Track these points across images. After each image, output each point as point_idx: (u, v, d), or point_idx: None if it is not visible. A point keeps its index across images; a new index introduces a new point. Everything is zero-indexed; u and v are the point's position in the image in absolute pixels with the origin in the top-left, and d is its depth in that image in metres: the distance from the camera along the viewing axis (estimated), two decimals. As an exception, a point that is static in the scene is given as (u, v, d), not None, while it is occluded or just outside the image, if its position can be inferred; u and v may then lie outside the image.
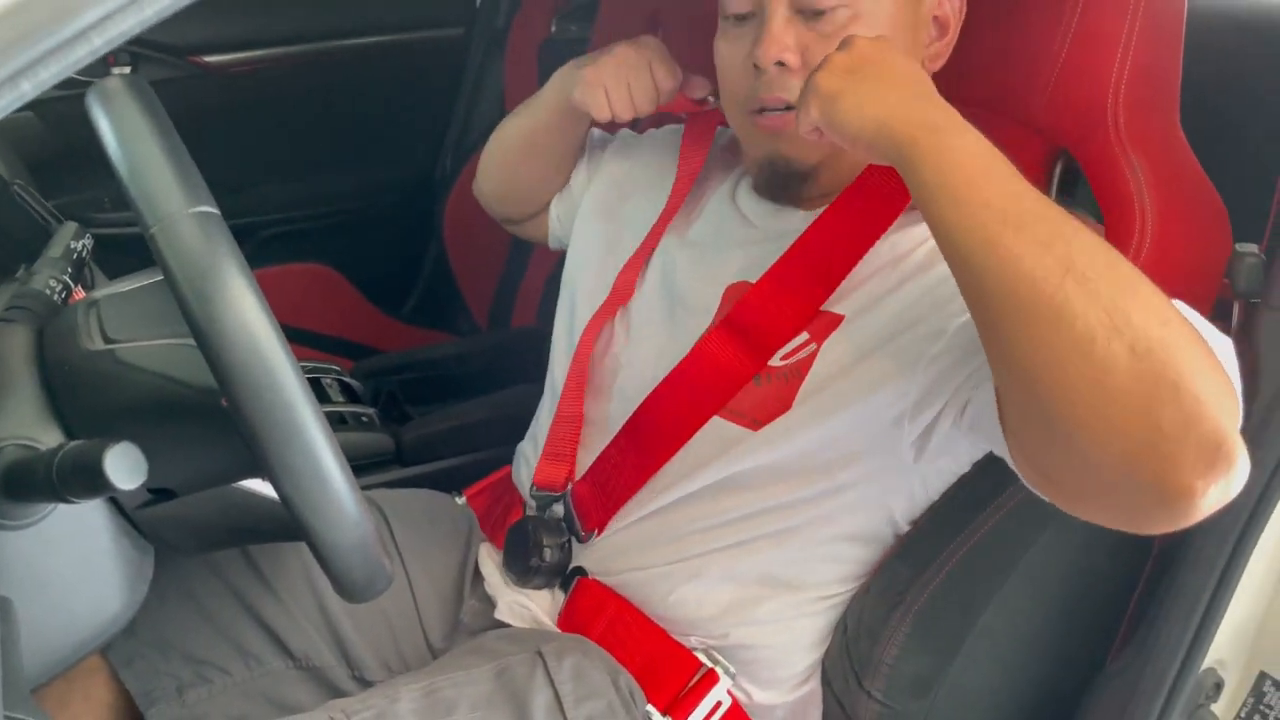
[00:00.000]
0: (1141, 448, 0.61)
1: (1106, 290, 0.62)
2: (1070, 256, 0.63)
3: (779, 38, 0.86)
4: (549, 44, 1.93)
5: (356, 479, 0.63)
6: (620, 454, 0.97)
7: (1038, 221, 0.65)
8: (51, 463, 0.58)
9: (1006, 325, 0.65)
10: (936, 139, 0.69)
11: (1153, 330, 0.61)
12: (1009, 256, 0.64)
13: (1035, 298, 0.63)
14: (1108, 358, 0.61)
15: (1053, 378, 0.63)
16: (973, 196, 0.66)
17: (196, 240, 0.58)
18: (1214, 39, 1.05)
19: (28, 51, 0.38)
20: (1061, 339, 0.62)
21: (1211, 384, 0.61)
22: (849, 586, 0.95)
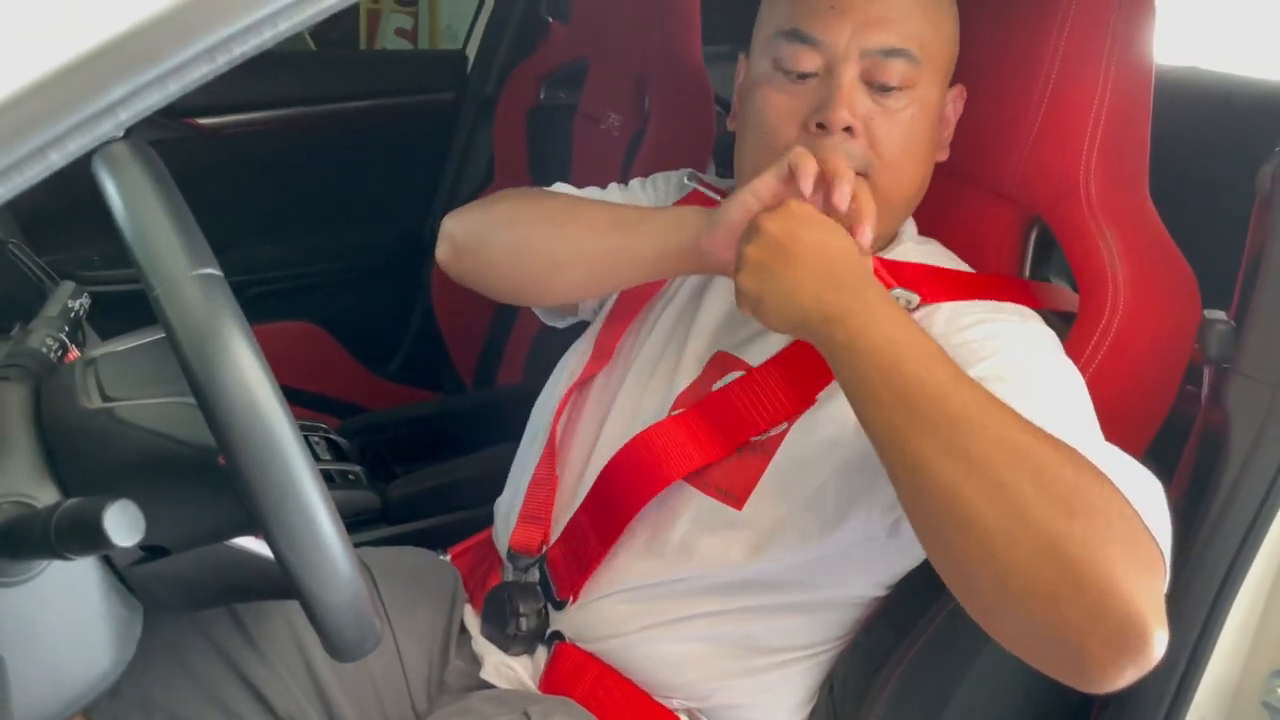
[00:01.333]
0: (1047, 641, 0.62)
1: (1006, 491, 0.62)
2: (970, 458, 0.64)
3: (848, 105, 0.87)
4: (537, 109, 1.97)
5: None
6: (587, 519, 0.98)
7: (941, 421, 0.66)
8: (49, 519, 0.59)
9: (917, 519, 0.68)
10: (847, 337, 0.71)
11: (1056, 526, 0.61)
12: (916, 459, 0.66)
13: (938, 502, 0.65)
14: (1008, 561, 0.62)
15: (962, 573, 0.65)
16: (882, 395, 0.68)
17: (199, 302, 0.59)
18: (1181, 110, 1.09)
19: (58, 124, 0.40)
20: (966, 541, 0.64)
21: (1122, 567, 0.60)
22: (833, 644, 0.96)
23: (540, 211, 1.02)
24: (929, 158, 0.94)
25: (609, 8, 1.72)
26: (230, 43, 0.43)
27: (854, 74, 0.87)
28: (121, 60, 0.41)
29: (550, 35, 1.96)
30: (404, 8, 3.51)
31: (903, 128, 0.89)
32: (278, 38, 0.43)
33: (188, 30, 0.42)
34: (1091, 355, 0.88)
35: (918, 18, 0.88)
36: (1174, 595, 0.88)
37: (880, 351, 0.70)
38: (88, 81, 0.40)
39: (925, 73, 0.89)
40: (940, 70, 0.92)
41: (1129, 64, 0.92)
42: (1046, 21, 0.92)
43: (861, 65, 0.87)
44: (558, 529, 1.01)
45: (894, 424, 0.67)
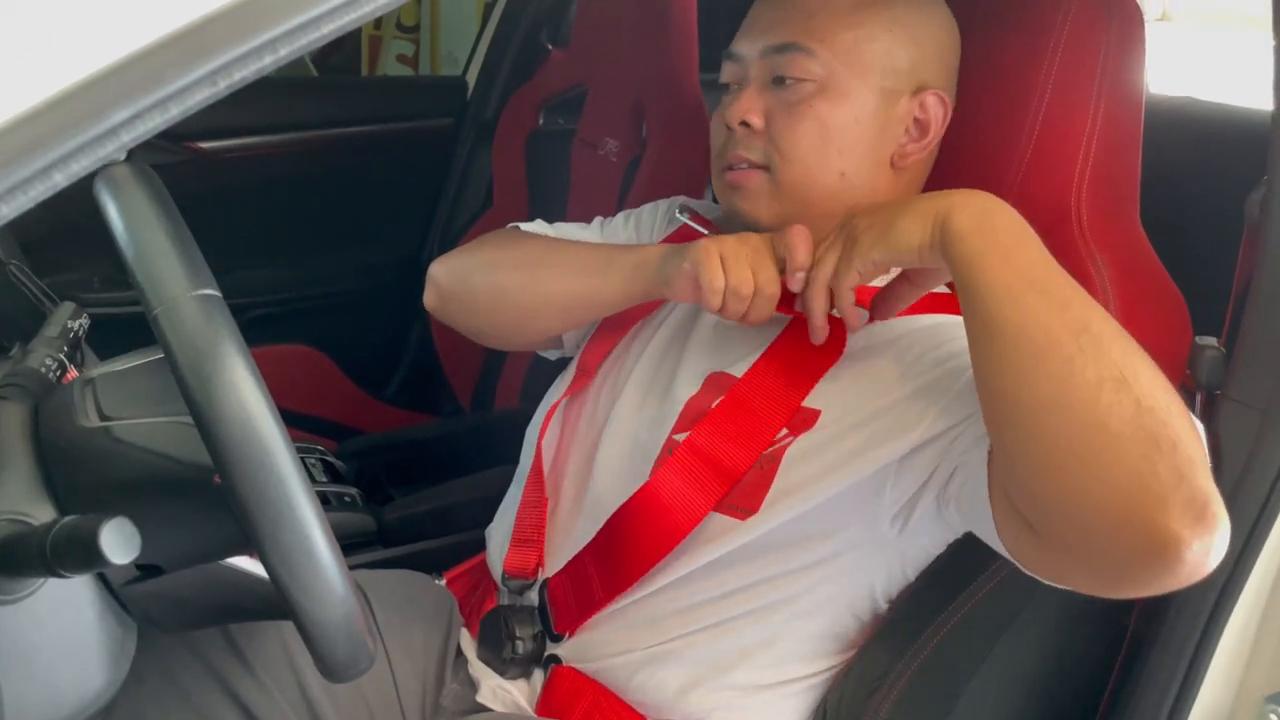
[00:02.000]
0: (1136, 492, 0.64)
1: (1118, 349, 0.68)
2: (1087, 319, 0.70)
3: (746, 100, 0.94)
4: (536, 135, 1.98)
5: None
6: (594, 566, 0.97)
7: (1059, 288, 0.72)
8: (45, 537, 0.59)
9: (1017, 369, 0.70)
10: (977, 212, 0.76)
11: (1158, 392, 0.66)
12: (1033, 313, 0.70)
13: (1053, 344, 0.69)
14: (1114, 404, 0.66)
15: (1061, 413, 0.67)
16: (1007, 262, 0.73)
17: (198, 322, 0.60)
18: (1172, 137, 1.10)
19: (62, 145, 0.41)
20: (1074, 378, 0.67)
21: (1201, 454, 0.66)
22: (829, 667, 0.96)
23: (515, 257, 1.06)
24: (855, 153, 0.93)
25: (608, 35, 1.74)
26: (231, 67, 0.44)
27: (758, 76, 0.95)
28: (125, 83, 0.42)
29: (549, 61, 1.98)
30: (406, 34, 3.54)
31: (804, 118, 0.92)
32: (279, 63, 0.44)
33: (190, 54, 0.43)
34: (1083, 380, 0.89)
35: (821, 16, 0.92)
36: (1166, 620, 0.88)
37: (1002, 229, 0.75)
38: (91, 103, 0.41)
39: (833, 68, 0.91)
40: (863, 70, 0.92)
41: (1120, 93, 0.93)
42: (1038, 50, 0.94)
43: (765, 66, 0.94)
44: (556, 556, 1.01)
45: (1011, 284, 0.72)
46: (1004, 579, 0.90)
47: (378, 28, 3.49)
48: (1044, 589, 0.91)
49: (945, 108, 0.95)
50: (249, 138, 1.98)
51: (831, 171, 0.93)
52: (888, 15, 0.93)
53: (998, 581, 0.90)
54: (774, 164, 0.94)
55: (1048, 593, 0.91)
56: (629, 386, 1.03)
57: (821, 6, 0.93)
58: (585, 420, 1.06)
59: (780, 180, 0.94)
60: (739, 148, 0.95)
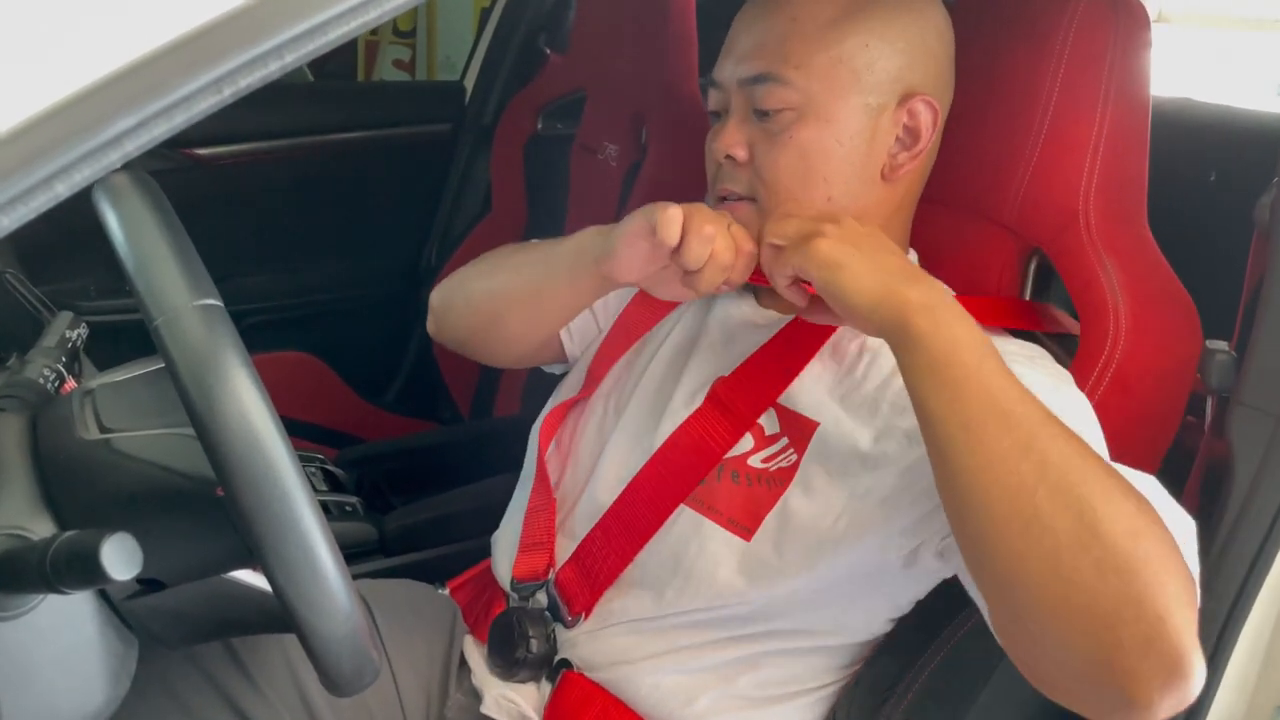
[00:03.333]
0: (1101, 662, 0.62)
1: (1079, 501, 0.63)
2: (1047, 462, 0.64)
3: (730, 133, 0.92)
4: (535, 140, 1.98)
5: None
6: (605, 536, 0.97)
7: (1020, 422, 0.66)
8: (45, 553, 0.58)
9: (977, 525, 0.67)
10: (933, 322, 0.70)
11: (1121, 545, 0.61)
12: (989, 457, 0.65)
13: (1008, 505, 0.64)
14: (1074, 574, 0.62)
15: (1020, 584, 0.64)
16: (962, 389, 0.68)
17: (199, 332, 0.59)
18: (1180, 140, 1.10)
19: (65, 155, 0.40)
20: (1030, 550, 0.63)
21: (1175, 597, 0.61)
22: (838, 678, 0.95)
23: (484, 267, 1.08)
24: (843, 177, 0.91)
25: (607, 39, 1.73)
26: (236, 75, 0.43)
27: (740, 106, 0.93)
28: (129, 92, 0.41)
29: (548, 66, 1.98)
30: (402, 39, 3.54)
31: (786, 148, 0.90)
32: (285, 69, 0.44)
33: (195, 62, 0.42)
34: (1094, 387, 0.88)
35: (793, 41, 0.90)
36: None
37: (964, 343, 0.69)
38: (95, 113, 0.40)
39: (812, 93, 0.89)
40: (845, 88, 0.89)
41: (1126, 96, 0.92)
42: (1044, 54, 0.93)
43: (744, 97, 0.92)
44: (563, 554, 1.01)
45: (969, 418, 0.67)
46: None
47: (374, 33, 3.49)
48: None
49: (935, 112, 0.92)
50: (246, 144, 1.97)
51: (818, 198, 0.91)
52: (865, 28, 0.90)
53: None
54: (759, 196, 0.92)
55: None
56: (636, 395, 1.03)
57: (793, 31, 0.90)
58: (593, 427, 1.05)
59: (768, 211, 0.92)
60: (726, 181, 0.94)
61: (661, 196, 1.23)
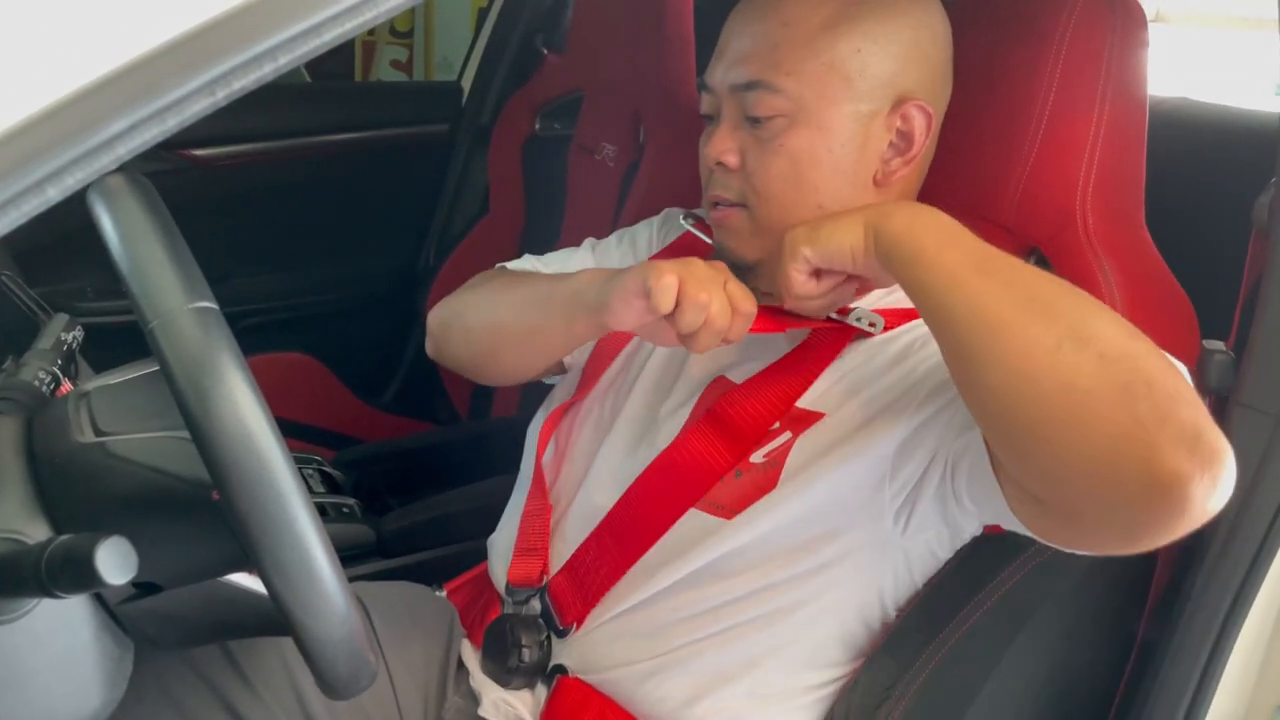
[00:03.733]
0: (1121, 441, 0.64)
1: (1069, 309, 0.69)
2: (1032, 288, 0.71)
3: (721, 140, 0.92)
4: (532, 140, 1.98)
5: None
6: (599, 547, 0.97)
7: (999, 268, 0.74)
8: (40, 557, 0.58)
9: (977, 353, 0.71)
10: (906, 218, 0.79)
11: (1120, 340, 0.67)
12: (975, 293, 0.72)
13: (1001, 322, 0.70)
14: (1078, 363, 0.66)
15: (1028, 390, 0.68)
16: (943, 256, 0.75)
17: (194, 335, 0.59)
18: (1178, 140, 1.09)
19: (56, 159, 0.40)
20: (1032, 351, 0.68)
21: (1184, 387, 0.66)
22: (837, 677, 0.95)
23: (480, 299, 1.08)
24: (833, 185, 0.91)
25: (604, 39, 1.73)
26: (230, 77, 0.42)
27: (732, 112, 0.92)
28: (121, 94, 0.41)
29: (545, 66, 1.97)
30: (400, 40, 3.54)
31: (777, 156, 0.90)
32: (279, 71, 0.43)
33: (188, 64, 0.42)
34: (1091, 386, 0.88)
35: (785, 47, 0.89)
36: (1177, 629, 0.87)
37: (942, 228, 0.77)
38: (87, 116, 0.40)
39: (804, 100, 0.89)
40: (837, 94, 0.89)
41: (1123, 96, 0.92)
42: (1041, 54, 0.93)
43: (735, 103, 0.92)
44: (558, 558, 1.00)
45: (955, 273, 0.74)
46: (1011, 589, 0.90)
47: (371, 33, 3.49)
48: (1052, 599, 0.90)
49: (929, 117, 0.92)
50: (243, 145, 1.97)
51: (809, 206, 0.91)
52: (857, 32, 0.89)
53: (1005, 591, 0.90)
54: (750, 203, 0.93)
55: (1056, 602, 0.91)
56: (633, 395, 1.02)
57: (784, 37, 0.89)
58: (590, 428, 1.05)
59: (758, 218, 0.93)
60: (717, 187, 0.94)
61: (659, 195, 1.24)
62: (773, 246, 0.91)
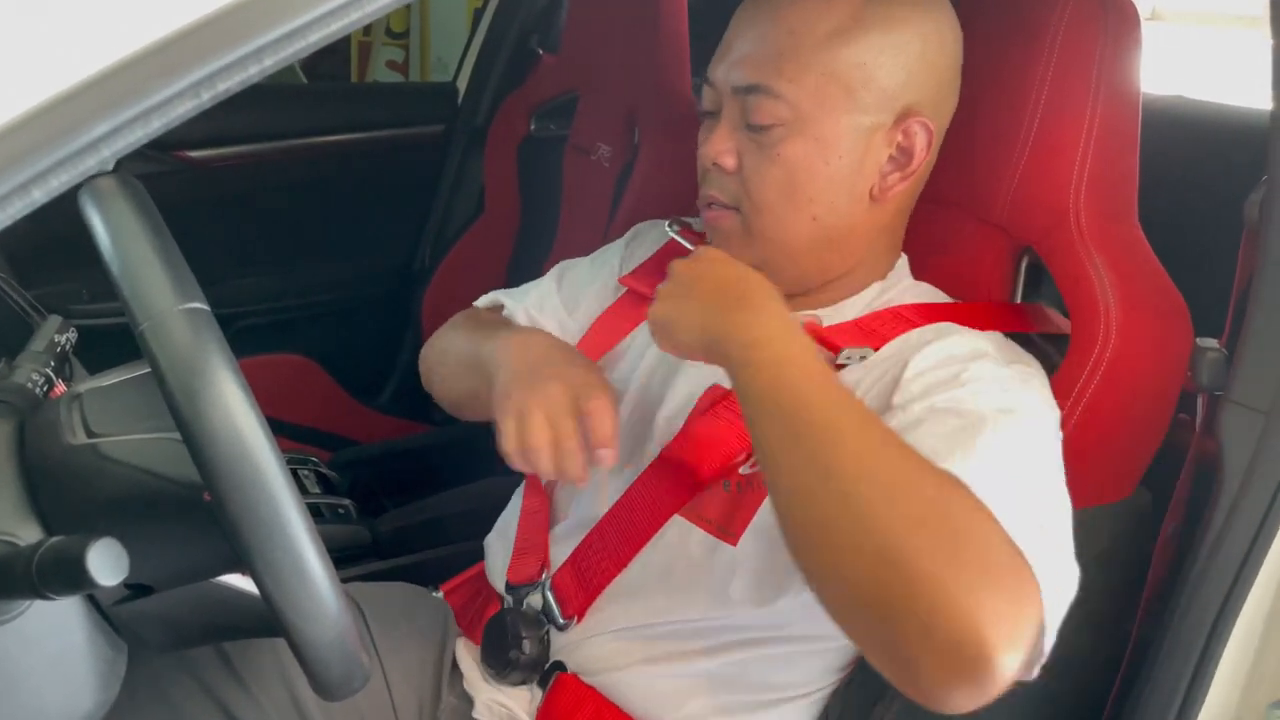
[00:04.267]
0: (885, 651, 0.65)
1: (858, 500, 0.65)
2: (830, 467, 0.67)
3: (719, 141, 0.90)
4: (528, 141, 1.98)
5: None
6: (601, 541, 0.97)
7: (806, 432, 0.69)
8: (31, 559, 0.58)
9: (786, 529, 0.70)
10: (740, 349, 0.75)
11: (897, 538, 0.63)
12: (787, 467, 0.69)
13: (797, 509, 0.69)
14: (852, 570, 0.64)
15: (817, 580, 0.68)
16: (768, 407, 0.71)
17: (185, 336, 0.59)
18: (1171, 139, 1.09)
19: (41, 161, 0.40)
20: (818, 549, 0.67)
21: (965, 585, 0.61)
22: (830, 682, 0.95)
23: (447, 345, 1.10)
24: (828, 197, 0.89)
25: (599, 40, 1.73)
26: (215, 79, 0.42)
27: (733, 113, 0.90)
28: (105, 96, 0.41)
29: (540, 67, 1.97)
30: (395, 40, 3.53)
31: (774, 164, 0.88)
32: (264, 73, 0.43)
33: (173, 66, 0.42)
34: (1085, 385, 0.88)
35: (792, 54, 0.87)
36: (1171, 626, 0.88)
37: (769, 365, 0.73)
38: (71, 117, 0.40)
39: (804, 108, 0.87)
40: (837, 105, 0.87)
41: (1116, 94, 0.92)
42: (1034, 52, 0.93)
43: (737, 104, 0.90)
44: (559, 554, 1.00)
45: (771, 434, 0.71)
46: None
47: (367, 34, 3.48)
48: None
49: (930, 134, 0.90)
50: (238, 146, 1.96)
51: (802, 217, 0.90)
52: (864, 43, 0.86)
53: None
54: (744, 209, 0.91)
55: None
56: (628, 396, 1.02)
57: (789, 44, 0.87)
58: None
59: (750, 226, 0.91)
60: (713, 187, 0.93)
61: (655, 197, 1.24)
62: (765, 254, 0.91)
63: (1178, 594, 0.88)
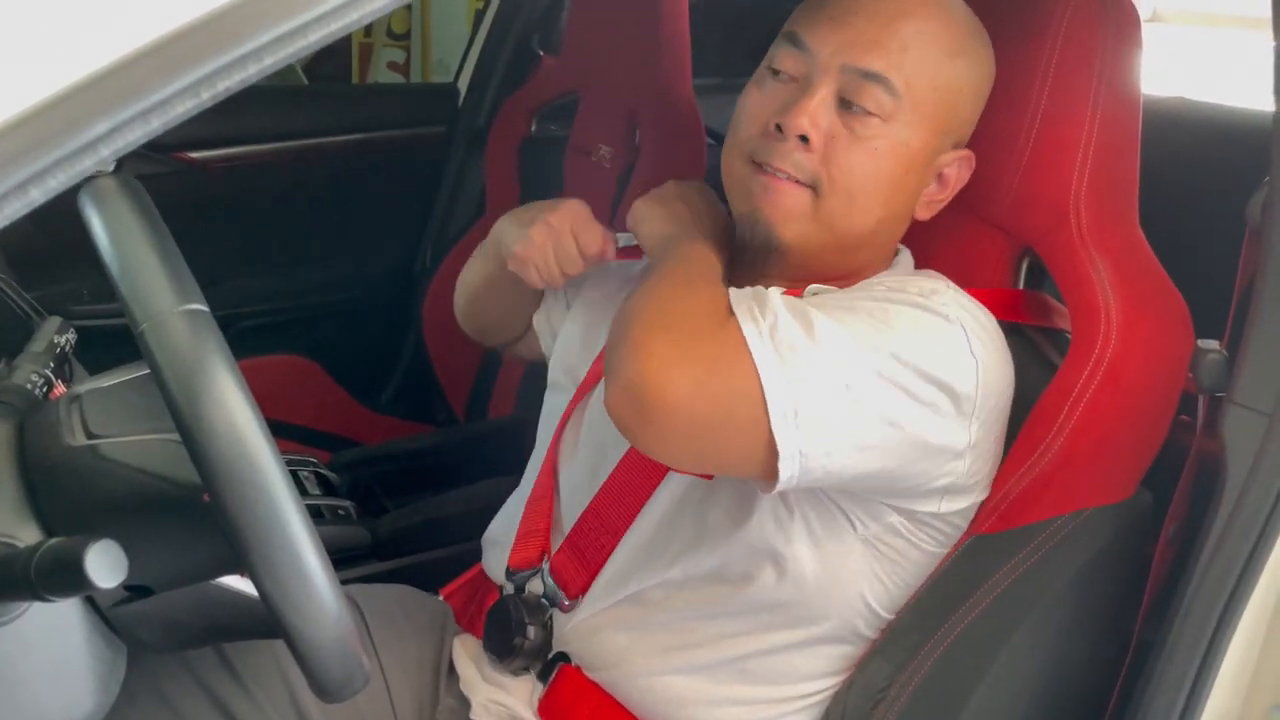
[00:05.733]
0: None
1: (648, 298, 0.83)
2: (654, 287, 0.85)
3: (815, 113, 0.86)
4: (529, 142, 1.97)
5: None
6: (596, 516, 0.97)
7: (660, 265, 0.90)
8: (30, 561, 0.58)
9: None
10: (666, 250, 0.93)
11: (649, 321, 0.80)
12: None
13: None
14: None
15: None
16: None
17: (185, 337, 0.59)
18: (1172, 140, 1.09)
19: (39, 161, 0.39)
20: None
21: (659, 357, 0.76)
22: (830, 683, 0.94)
23: (461, 279, 1.20)
24: (894, 202, 0.90)
25: (600, 41, 1.73)
26: (215, 78, 0.42)
27: (830, 88, 0.87)
28: (104, 95, 0.40)
29: (541, 68, 1.97)
30: (397, 41, 3.53)
31: (866, 157, 0.87)
32: (264, 72, 0.43)
33: (172, 65, 0.42)
34: (1085, 385, 0.88)
35: (914, 54, 0.86)
36: (1172, 628, 0.87)
37: (679, 262, 0.90)
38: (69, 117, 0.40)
39: (906, 111, 0.87)
40: (930, 119, 0.88)
41: (1117, 95, 0.92)
42: (1035, 53, 0.93)
43: (840, 82, 0.87)
44: (558, 537, 1.01)
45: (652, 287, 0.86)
46: (1006, 589, 0.89)
47: (368, 35, 3.48)
48: (1047, 599, 0.90)
49: (970, 169, 0.93)
50: (239, 147, 1.96)
51: (871, 215, 0.89)
52: (966, 74, 0.89)
53: (1000, 592, 0.90)
54: (822, 189, 0.87)
55: (1051, 602, 0.91)
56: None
57: (917, 44, 0.86)
58: (590, 413, 1.05)
59: (823, 208, 0.88)
60: (786, 160, 0.87)
61: (654, 198, 1.23)
62: (817, 240, 0.90)
63: (1179, 596, 0.87)
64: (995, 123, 0.96)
